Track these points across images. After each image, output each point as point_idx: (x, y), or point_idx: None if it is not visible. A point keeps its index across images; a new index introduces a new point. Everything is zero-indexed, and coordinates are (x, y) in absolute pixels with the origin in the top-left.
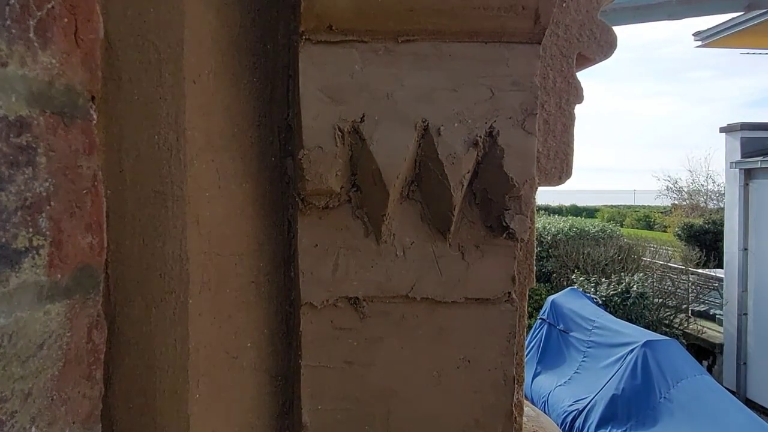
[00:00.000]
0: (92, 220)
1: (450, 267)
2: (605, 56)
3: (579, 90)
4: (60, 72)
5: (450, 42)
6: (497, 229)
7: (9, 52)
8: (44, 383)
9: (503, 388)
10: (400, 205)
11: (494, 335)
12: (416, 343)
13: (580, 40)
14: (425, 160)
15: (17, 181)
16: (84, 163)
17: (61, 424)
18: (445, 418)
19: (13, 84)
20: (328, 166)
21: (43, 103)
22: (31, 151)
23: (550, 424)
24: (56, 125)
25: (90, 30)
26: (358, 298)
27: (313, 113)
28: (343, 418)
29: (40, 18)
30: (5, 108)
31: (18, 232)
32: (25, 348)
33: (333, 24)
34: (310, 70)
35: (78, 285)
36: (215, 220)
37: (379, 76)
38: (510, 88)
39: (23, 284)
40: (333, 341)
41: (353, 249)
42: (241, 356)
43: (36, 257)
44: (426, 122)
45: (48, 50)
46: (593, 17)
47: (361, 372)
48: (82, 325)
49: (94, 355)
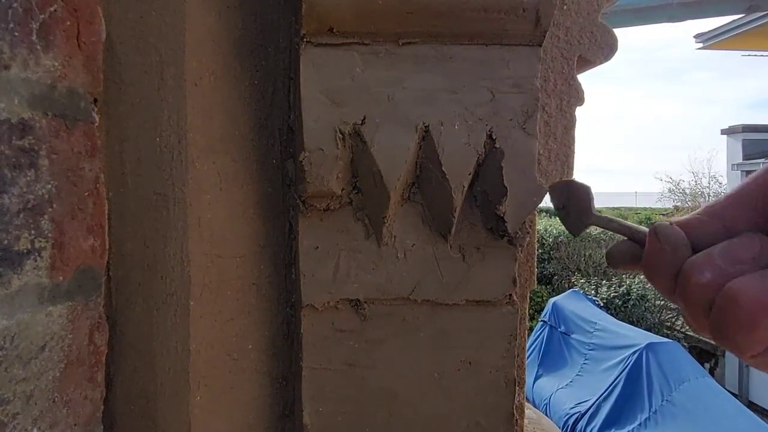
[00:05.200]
0: (94, 222)
1: (451, 269)
2: (606, 58)
3: (580, 92)
4: (62, 75)
5: (451, 44)
6: (498, 231)
7: (11, 55)
8: (46, 385)
9: (504, 391)
10: (401, 207)
11: (495, 337)
12: (417, 345)
13: (581, 42)
14: (426, 162)
15: (19, 184)
16: (86, 165)
17: (62, 425)
18: (446, 420)
19: (15, 87)
20: (329, 168)
21: (46, 105)
22: (33, 153)
23: (552, 426)
24: (58, 128)
25: (92, 33)
26: (359, 300)
27: (314, 115)
28: (344, 419)
29: (42, 21)
30: (7, 110)
31: (20, 234)
32: (26, 350)
33: (334, 26)
34: (312, 72)
35: (79, 287)
36: (216, 222)
37: (379, 78)
38: (511, 90)
39: (25, 286)
40: (334, 343)
41: (354, 251)
42: (242, 358)
43: (38, 259)
44: (427, 124)
45: (50, 53)
46: (594, 20)
47: (362, 374)
48: (84, 327)
49: (96, 356)
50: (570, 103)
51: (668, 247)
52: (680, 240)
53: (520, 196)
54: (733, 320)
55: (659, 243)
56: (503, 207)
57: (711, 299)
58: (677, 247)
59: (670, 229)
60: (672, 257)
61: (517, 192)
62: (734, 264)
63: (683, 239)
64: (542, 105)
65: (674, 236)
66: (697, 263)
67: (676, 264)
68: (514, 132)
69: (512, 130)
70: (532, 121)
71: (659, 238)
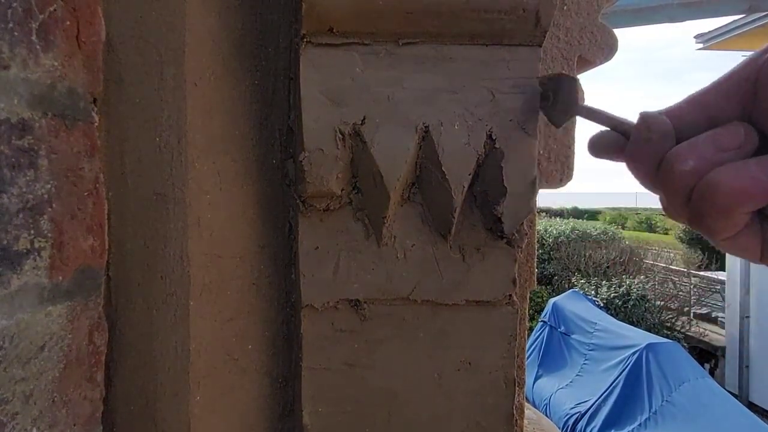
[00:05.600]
0: (94, 222)
1: (451, 269)
2: (606, 59)
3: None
4: (62, 74)
5: (451, 44)
6: (497, 231)
7: (11, 55)
8: (45, 385)
9: (504, 391)
10: (401, 207)
11: (495, 337)
12: (417, 345)
13: (580, 42)
14: (426, 162)
15: (19, 183)
16: (86, 165)
17: (62, 425)
18: (446, 420)
19: (15, 86)
20: (329, 168)
21: (45, 105)
22: (32, 153)
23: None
24: (58, 127)
25: (92, 32)
26: (359, 300)
27: (314, 115)
28: (343, 419)
29: (42, 21)
30: (7, 110)
31: (20, 234)
32: (26, 350)
33: (334, 26)
34: (311, 72)
35: (79, 287)
36: (216, 222)
37: (379, 78)
38: (511, 90)
39: (25, 286)
40: (334, 343)
41: (354, 251)
42: (242, 358)
43: (37, 259)
44: (427, 124)
45: (50, 53)
46: (594, 20)
47: (361, 374)
48: (83, 326)
49: (95, 356)
50: None
51: (655, 135)
52: (666, 128)
53: (519, 197)
54: (711, 207)
55: (648, 132)
56: (501, 207)
57: (692, 187)
58: (664, 136)
59: (659, 118)
60: (658, 146)
61: (516, 192)
62: (718, 152)
63: (670, 129)
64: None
65: (663, 125)
66: (681, 152)
67: (661, 153)
68: (514, 132)
69: (512, 131)
70: (532, 121)
71: (648, 127)
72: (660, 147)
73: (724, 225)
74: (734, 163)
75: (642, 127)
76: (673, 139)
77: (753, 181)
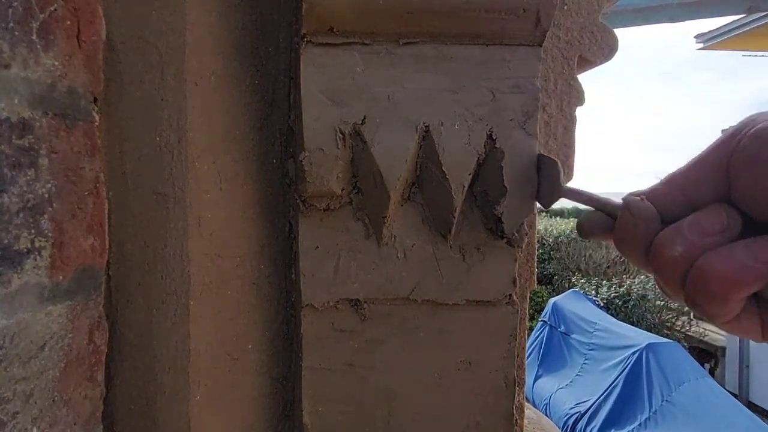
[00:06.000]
0: (94, 221)
1: (451, 269)
2: (606, 59)
3: (580, 92)
4: (62, 74)
5: (451, 44)
6: (497, 231)
7: (11, 54)
8: (46, 384)
9: (504, 391)
10: (401, 207)
11: (495, 337)
12: (417, 345)
13: (581, 42)
14: (426, 162)
15: (19, 183)
16: (86, 164)
17: (62, 425)
18: (446, 420)
19: (15, 86)
20: (329, 168)
21: (46, 105)
22: (33, 152)
23: (552, 426)
24: (58, 127)
25: (92, 32)
26: (359, 300)
27: (314, 115)
28: (343, 419)
29: (42, 20)
30: (7, 110)
31: (20, 233)
32: (26, 349)
33: (334, 26)
34: (312, 72)
35: (79, 286)
36: (216, 221)
37: (380, 78)
38: (511, 90)
39: (25, 285)
40: (334, 343)
41: (354, 251)
42: (242, 358)
43: (38, 258)
44: (427, 124)
45: (50, 52)
46: (594, 20)
47: (361, 374)
48: (84, 326)
49: (96, 356)
50: (570, 103)
51: (640, 221)
52: (651, 215)
53: (519, 197)
54: (706, 295)
55: (632, 218)
56: (501, 207)
57: (685, 270)
58: (649, 222)
59: (642, 204)
60: (644, 231)
61: (516, 192)
62: (703, 237)
63: (654, 213)
64: (542, 105)
65: (646, 211)
66: (668, 237)
67: (648, 237)
68: (514, 132)
69: (512, 130)
70: (532, 121)
71: (632, 213)
72: (646, 232)
73: (721, 311)
74: (722, 249)
75: (626, 213)
76: (659, 223)
77: (742, 268)
